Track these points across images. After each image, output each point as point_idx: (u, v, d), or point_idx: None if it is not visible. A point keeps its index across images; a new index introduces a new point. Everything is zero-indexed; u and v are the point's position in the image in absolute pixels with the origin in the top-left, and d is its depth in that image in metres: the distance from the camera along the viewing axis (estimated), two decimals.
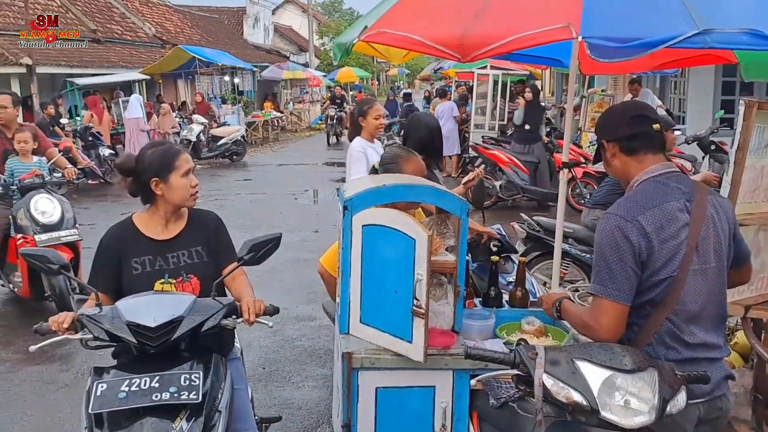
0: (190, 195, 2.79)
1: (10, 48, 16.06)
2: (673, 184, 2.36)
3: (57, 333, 2.44)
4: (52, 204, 5.90)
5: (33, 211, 5.77)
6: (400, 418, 2.83)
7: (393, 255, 2.79)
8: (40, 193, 5.90)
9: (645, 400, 2.05)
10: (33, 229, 5.75)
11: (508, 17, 2.84)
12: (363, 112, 4.98)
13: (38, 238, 5.69)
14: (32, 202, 5.80)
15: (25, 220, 5.79)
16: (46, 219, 5.81)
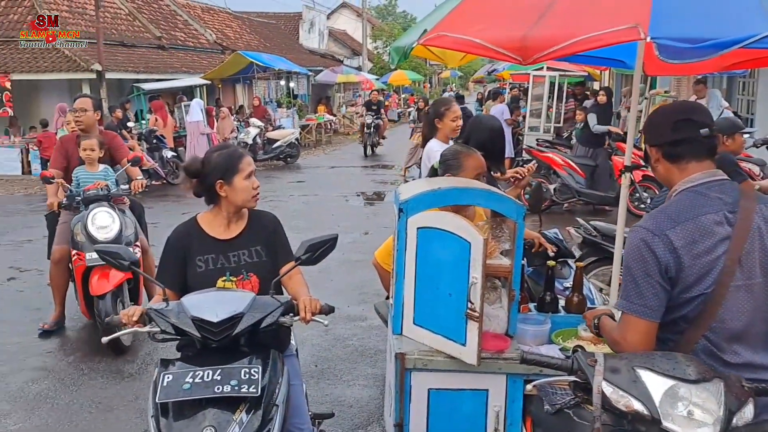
0: (252, 196, 2.87)
1: (81, 55, 16.68)
2: (714, 194, 2.22)
3: (127, 325, 2.55)
4: (110, 218, 5.39)
5: (90, 226, 5.31)
6: (453, 420, 2.85)
7: (448, 258, 2.82)
8: (102, 205, 5.42)
9: (710, 411, 1.98)
10: (87, 245, 5.28)
11: (572, 18, 2.82)
12: (440, 114, 4.90)
13: (89, 255, 5.22)
14: (90, 215, 5.35)
15: (81, 235, 5.36)
16: (102, 234, 5.30)
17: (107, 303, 5.14)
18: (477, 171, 3.49)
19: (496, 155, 4.15)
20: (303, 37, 35.73)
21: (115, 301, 5.21)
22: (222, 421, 2.24)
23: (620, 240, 4.07)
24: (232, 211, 2.87)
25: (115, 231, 5.33)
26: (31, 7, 18.17)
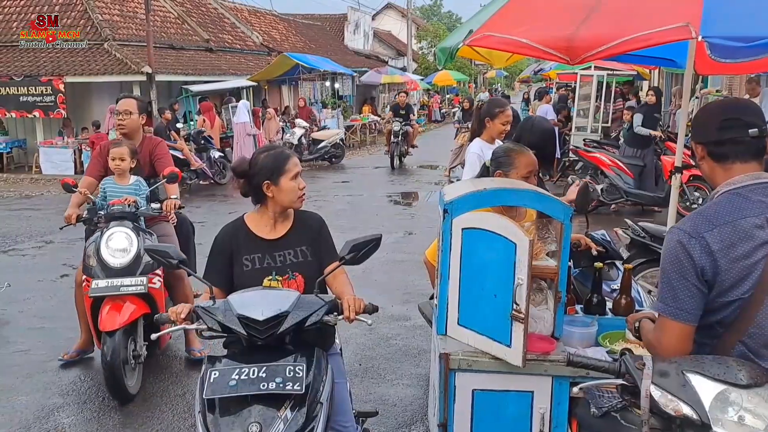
0: (298, 197, 2.90)
1: (132, 57, 17.09)
2: (757, 197, 2.15)
3: (175, 323, 2.60)
4: (128, 241, 4.56)
5: (103, 248, 4.53)
6: (497, 421, 2.83)
7: (493, 258, 2.80)
8: (123, 225, 4.62)
9: (762, 417, 1.94)
10: (96, 270, 4.53)
11: (621, 17, 2.78)
12: (493, 114, 4.88)
13: (94, 284, 4.47)
14: (106, 235, 4.57)
15: (93, 258, 4.58)
16: (115, 259, 4.52)
17: (116, 341, 4.34)
18: (529, 169, 3.46)
19: (546, 158, 4.08)
20: (348, 39, 35.91)
21: (127, 339, 4.47)
22: (267, 417, 2.28)
23: None
24: (278, 211, 2.90)
25: (131, 256, 4.52)
26: (84, 11, 18.66)
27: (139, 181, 4.91)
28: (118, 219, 4.63)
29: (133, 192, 4.83)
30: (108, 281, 4.45)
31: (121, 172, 4.82)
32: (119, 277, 4.46)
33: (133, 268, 4.51)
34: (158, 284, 4.65)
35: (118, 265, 4.49)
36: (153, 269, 4.59)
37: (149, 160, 5.07)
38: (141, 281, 4.48)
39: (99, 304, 4.48)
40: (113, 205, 4.68)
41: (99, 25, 18.27)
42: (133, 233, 4.58)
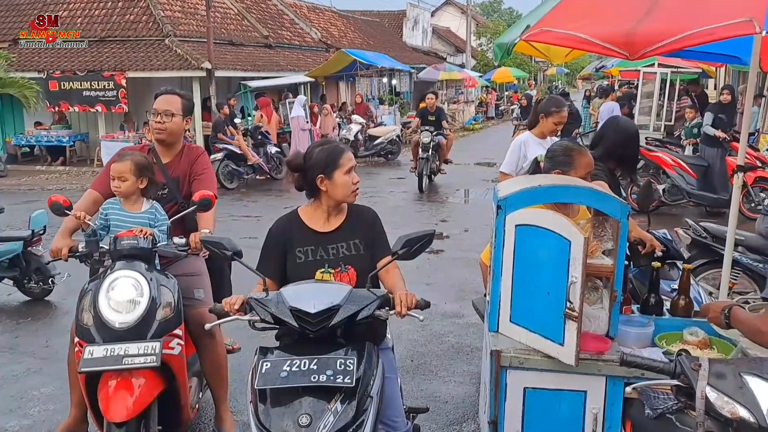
0: (352, 191, 2.91)
1: (192, 53, 17.47)
2: None
3: (229, 314, 2.65)
4: (137, 290, 3.28)
5: (102, 301, 3.25)
6: (549, 419, 2.80)
7: (547, 256, 2.77)
8: (132, 267, 3.33)
9: None
10: (91, 331, 3.24)
11: (682, 12, 2.71)
12: (549, 112, 4.89)
13: (88, 352, 3.15)
14: (107, 282, 3.28)
15: (88, 313, 3.28)
16: (118, 317, 3.23)
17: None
18: (587, 170, 3.42)
19: (628, 161, 3.95)
20: (406, 35, 35.90)
21: (139, 427, 3.20)
22: (317, 409, 2.29)
23: (731, 242, 3.87)
24: (332, 204, 2.93)
25: (139, 312, 3.24)
26: (146, 7, 19.13)
27: (155, 208, 3.65)
28: (128, 258, 3.37)
29: (146, 223, 3.57)
30: (107, 348, 3.14)
31: (123, 196, 3.59)
32: (123, 342, 3.17)
33: (142, 328, 3.24)
34: (177, 348, 3.37)
35: (122, 324, 3.21)
36: (170, 328, 3.34)
37: (188, 176, 3.86)
38: (153, 349, 3.18)
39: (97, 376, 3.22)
40: (121, 238, 3.39)
41: (161, 21, 18.69)
42: (144, 279, 3.30)
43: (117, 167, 3.55)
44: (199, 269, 3.89)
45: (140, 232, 3.42)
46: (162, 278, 3.43)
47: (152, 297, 3.29)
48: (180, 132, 3.88)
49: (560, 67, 52.57)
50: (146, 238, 3.42)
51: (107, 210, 3.61)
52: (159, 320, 3.31)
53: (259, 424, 2.32)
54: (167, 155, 3.89)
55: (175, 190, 3.84)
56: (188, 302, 3.65)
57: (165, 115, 3.79)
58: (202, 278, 3.88)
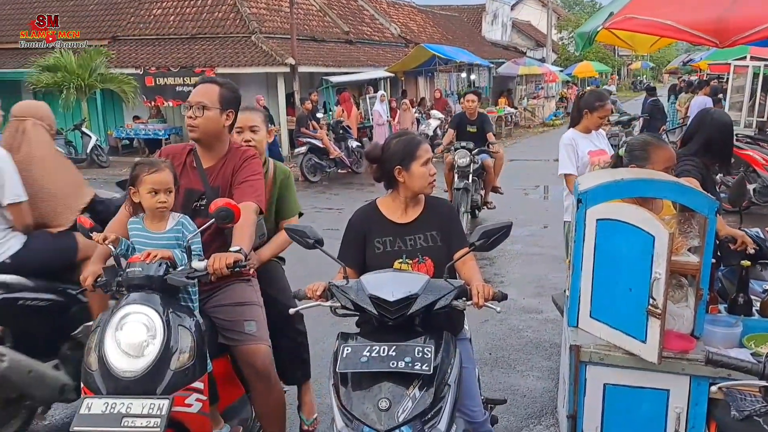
0: (428, 183, 2.94)
1: (277, 49, 17.89)
2: None
3: (311, 299, 2.72)
4: (148, 331, 2.67)
5: (108, 343, 2.67)
6: (629, 417, 2.76)
7: (629, 251, 2.72)
8: (144, 303, 2.73)
9: None
10: (96, 379, 2.65)
11: None
12: (593, 107, 4.81)
13: (85, 404, 2.57)
14: (115, 320, 2.70)
15: (93, 354, 2.70)
16: (123, 365, 2.64)
17: None
18: (666, 165, 3.32)
19: (723, 154, 3.82)
20: (486, 29, 35.55)
21: None
22: (396, 394, 2.34)
23: None
24: (409, 196, 2.96)
25: (148, 360, 2.64)
26: (233, 5, 19.69)
27: (182, 224, 3.00)
28: (138, 289, 2.78)
29: (171, 244, 2.95)
30: (107, 403, 2.55)
31: (158, 215, 2.98)
32: (126, 397, 2.58)
33: (152, 380, 2.63)
34: (197, 406, 2.74)
35: (128, 374, 2.62)
36: (188, 380, 2.71)
37: (229, 184, 3.19)
38: (160, 409, 2.54)
39: None
40: (131, 265, 2.82)
41: (247, 19, 19.22)
42: (158, 317, 2.70)
43: (161, 178, 2.90)
44: (249, 297, 3.26)
45: (147, 256, 2.79)
46: (183, 316, 2.80)
47: (166, 340, 2.66)
48: (217, 129, 3.18)
49: (645, 61, 50.94)
50: (158, 263, 2.78)
51: (131, 231, 3.02)
52: (173, 370, 2.67)
53: (341, 406, 2.39)
54: (209, 158, 3.23)
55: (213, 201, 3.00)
56: (237, 337, 3.13)
57: (197, 108, 3.14)
58: (253, 309, 3.24)
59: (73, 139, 17.57)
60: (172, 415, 2.54)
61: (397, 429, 2.27)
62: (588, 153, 4.83)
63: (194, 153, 3.26)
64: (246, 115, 3.56)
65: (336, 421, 2.40)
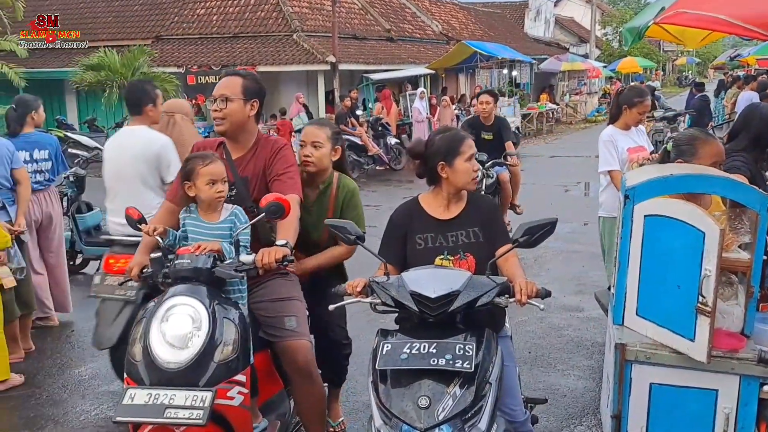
0: (472, 179, 2.91)
1: (318, 48, 18.01)
2: None
3: (351, 296, 2.71)
4: (194, 323, 2.66)
5: (153, 334, 2.66)
6: (676, 417, 2.70)
7: (678, 247, 2.67)
8: (193, 292, 2.73)
9: None
10: (140, 370, 2.65)
11: None
12: (632, 103, 4.73)
13: (128, 394, 2.57)
14: (161, 311, 2.69)
15: (138, 345, 2.69)
16: (168, 356, 2.63)
17: None
18: (714, 159, 3.24)
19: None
20: (528, 26, 35.23)
21: None
22: (436, 392, 2.31)
23: None
24: (452, 192, 2.93)
25: (192, 352, 2.62)
26: (276, 4, 19.87)
27: (235, 215, 3.04)
28: (185, 281, 2.79)
29: (226, 234, 2.99)
30: (150, 394, 2.56)
31: (215, 206, 3.02)
32: (169, 388, 2.58)
33: (195, 372, 2.62)
34: (238, 399, 2.75)
35: (171, 365, 2.61)
36: (231, 372, 2.70)
37: (260, 175, 3.21)
38: (203, 401, 2.53)
39: None
40: (180, 256, 2.83)
41: (289, 17, 19.39)
42: (204, 309, 2.69)
43: (216, 169, 2.97)
44: (290, 293, 3.25)
45: (197, 248, 2.81)
46: (228, 309, 2.80)
47: (211, 332, 2.65)
48: (242, 119, 3.20)
49: (691, 56, 49.90)
50: (206, 256, 2.79)
51: (184, 219, 3.06)
52: (217, 362, 2.66)
53: (380, 404, 2.36)
54: (237, 149, 3.26)
55: (244, 192, 3.17)
56: (277, 332, 3.13)
57: (220, 101, 3.16)
58: (295, 304, 3.22)
59: None
60: (213, 407, 2.54)
61: (436, 427, 2.24)
62: (627, 150, 4.75)
63: (224, 145, 3.29)
64: (311, 129, 3.55)
65: (374, 419, 2.38)
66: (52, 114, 18.94)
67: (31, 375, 4.81)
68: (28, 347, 5.16)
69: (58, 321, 5.77)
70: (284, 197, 2.86)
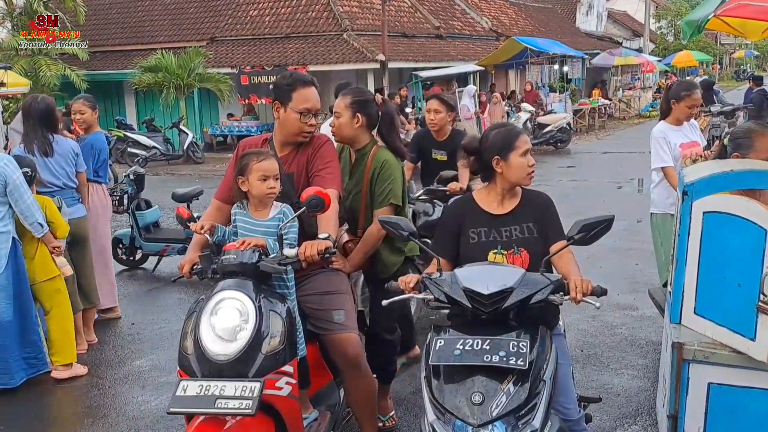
0: (527, 174, 2.89)
1: (368, 46, 18.09)
2: None
3: (404, 291, 2.73)
4: (241, 317, 2.72)
5: (204, 327, 2.73)
6: (736, 418, 2.64)
7: (738, 245, 2.62)
8: (240, 287, 2.79)
9: None
10: (192, 362, 2.73)
11: None
12: (679, 97, 4.64)
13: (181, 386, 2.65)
14: (210, 305, 2.76)
15: (189, 338, 2.79)
16: (218, 348, 2.69)
17: None
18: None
19: None
20: (580, 20, 34.67)
21: None
22: (490, 389, 2.31)
23: None
24: (506, 187, 2.93)
25: (241, 344, 2.68)
26: (326, 4, 20.01)
27: (284, 213, 3.09)
28: (232, 275, 2.85)
29: (273, 231, 3.02)
30: (202, 386, 2.65)
31: (266, 202, 3.08)
32: (219, 379, 2.66)
33: (244, 363, 2.70)
34: (286, 389, 2.81)
35: (221, 357, 2.69)
36: (278, 364, 2.77)
37: (305, 171, 3.30)
38: (251, 391, 2.60)
39: None
40: (227, 252, 2.88)
41: (339, 17, 19.51)
42: (251, 302, 2.75)
43: (269, 165, 3.01)
44: (337, 286, 3.30)
45: (242, 244, 2.87)
46: (275, 302, 2.86)
47: (258, 325, 2.72)
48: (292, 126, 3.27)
49: (749, 50, 48.40)
50: (252, 251, 2.84)
51: (235, 215, 3.13)
52: (264, 354, 2.72)
53: (433, 399, 2.37)
54: (283, 147, 3.33)
55: (290, 189, 3.24)
56: (325, 326, 3.19)
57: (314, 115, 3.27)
58: (343, 297, 3.27)
59: (171, 137, 18.38)
60: (263, 397, 2.60)
61: (490, 424, 2.24)
62: (680, 145, 4.66)
63: (270, 142, 3.37)
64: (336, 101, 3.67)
65: (427, 414, 2.38)
66: (112, 114, 19.70)
67: (94, 366, 4.97)
68: (92, 339, 5.34)
69: (120, 314, 5.95)
70: (324, 191, 2.89)
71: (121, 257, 7.53)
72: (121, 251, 7.55)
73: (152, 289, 7.02)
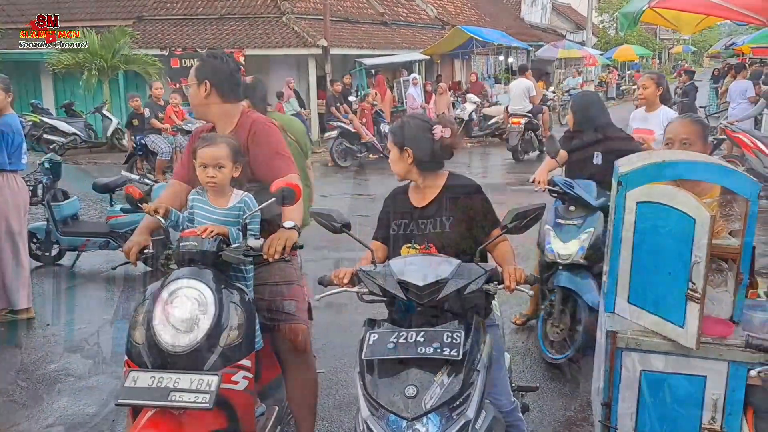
0: None
1: (309, 31, 17.77)
2: None
3: (337, 285, 2.68)
4: (199, 307, 2.64)
5: (158, 317, 2.64)
6: (665, 404, 2.69)
7: (669, 234, 2.65)
8: (198, 275, 2.70)
9: None
10: (143, 352, 2.64)
11: None
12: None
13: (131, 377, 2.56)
14: (165, 293, 2.67)
15: (141, 328, 2.68)
16: (172, 339, 2.61)
17: None
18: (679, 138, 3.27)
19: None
20: (525, 12, 35.05)
21: None
22: (424, 381, 2.29)
23: None
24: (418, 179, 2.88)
25: (198, 336, 2.61)
26: None
27: (245, 202, 2.96)
28: (190, 264, 2.75)
29: (232, 221, 2.92)
30: (154, 377, 2.55)
31: (217, 189, 2.94)
32: (174, 372, 2.56)
33: (201, 355, 2.61)
34: (243, 383, 2.73)
35: (176, 348, 2.59)
36: (236, 357, 2.70)
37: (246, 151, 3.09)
38: (209, 385, 2.52)
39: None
40: (184, 239, 2.78)
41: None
42: (210, 292, 2.66)
43: (211, 152, 2.86)
44: (290, 277, 3.23)
45: (204, 231, 2.76)
46: (234, 293, 2.77)
47: (217, 316, 2.62)
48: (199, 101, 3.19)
49: (687, 45, 49.84)
50: (213, 239, 2.75)
51: (192, 202, 2.98)
52: (222, 346, 2.65)
53: (367, 395, 2.35)
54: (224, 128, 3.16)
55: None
56: (276, 316, 3.13)
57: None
58: (294, 288, 3.23)
59: (93, 123, 17.06)
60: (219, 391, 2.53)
61: (424, 416, 2.23)
62: (633, 131, 4.70)
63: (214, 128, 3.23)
64: None
65: (361, 411, 2.36)
66: (27, 98, 18.09)
67: (4, 371, 4.67)
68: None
69: (34, 314, 5.51)
70: (294, 182, 2.81)
71: (35, 252, 6.83)
72: (36, 246, 6.89)
73: (70, 288, 6.63)
